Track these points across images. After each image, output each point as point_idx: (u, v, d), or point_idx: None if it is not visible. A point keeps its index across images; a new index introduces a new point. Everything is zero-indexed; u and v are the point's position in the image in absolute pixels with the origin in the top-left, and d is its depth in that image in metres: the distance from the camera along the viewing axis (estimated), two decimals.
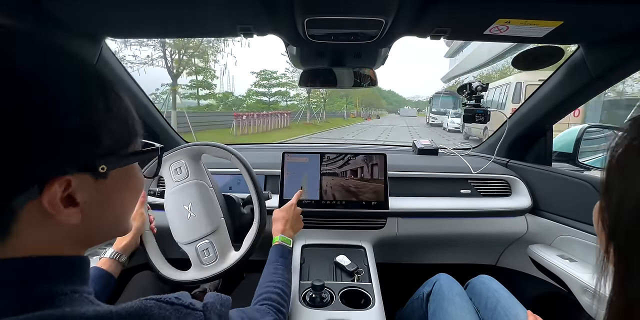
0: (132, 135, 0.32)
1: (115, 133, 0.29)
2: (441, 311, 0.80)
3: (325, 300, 0.77)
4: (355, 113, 41.99)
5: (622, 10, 0.63)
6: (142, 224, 0.78)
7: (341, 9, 0.63)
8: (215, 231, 0.79)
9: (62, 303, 0.26)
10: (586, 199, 0.92)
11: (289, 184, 1.04)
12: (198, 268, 0.78)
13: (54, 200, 0.26)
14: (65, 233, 0.29)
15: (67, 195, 0.27)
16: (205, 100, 23.17)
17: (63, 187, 0.26)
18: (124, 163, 0.32)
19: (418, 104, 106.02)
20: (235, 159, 0.82)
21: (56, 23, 0.70)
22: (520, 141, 1.21)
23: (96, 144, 0.28)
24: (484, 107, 1.13)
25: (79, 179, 0.27)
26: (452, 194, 1.13)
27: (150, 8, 0.67)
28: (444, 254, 1.32)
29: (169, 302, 0.30)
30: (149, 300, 0.29)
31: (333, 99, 35.94)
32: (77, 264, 0.30)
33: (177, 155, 0.85)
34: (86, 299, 0.28)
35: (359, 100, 44.33)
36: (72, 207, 0.28)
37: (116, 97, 0.30)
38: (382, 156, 1.04)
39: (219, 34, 0.84)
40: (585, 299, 0.83)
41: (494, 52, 24.11)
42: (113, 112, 0.29)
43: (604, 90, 0.97)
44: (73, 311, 0.25)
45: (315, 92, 26.91)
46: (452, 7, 0.64)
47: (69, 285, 0.28)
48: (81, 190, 0.28)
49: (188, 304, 0.32)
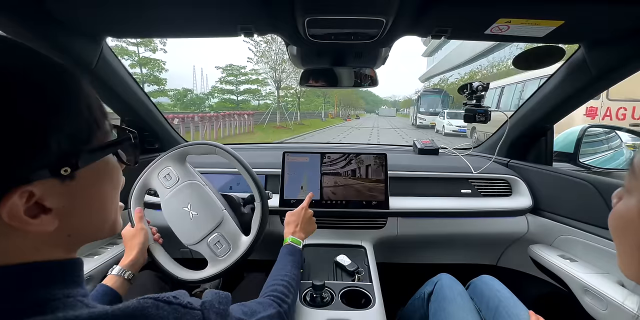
0: (92, 127, 0.29)
1: (69, 130, 0.26)
2: (442, 311, 0.80)
3: (325, 300, 0.77)
4: (334, 113, 39.09)
5: (623, 9, 0.63)
6: (146, 239, 0.77)
7: (342, 8, 0.63)
8: (221, 223, 0.79)
9: (55, 308, 0.25)
10: (587, 199, 0.92)
11: (290, 184, 1.04)
12: (215, 262, 0.78)
13: (16, 214, 0.24)
14: (47, 239, 0.27)
15: (35, 204, 0.25)
16: (154, 99, 20.41)
17: (25, 198, 0.24)
18: (90, 159, 0.29)
19: (395, 103, 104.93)
20: (220, 151, 0.82)
21: (57, 23, 0.70)
22: (521, 141, 1.21)
23: (44, 149, 0.25)
24: (484, 107, 1.13)
25: (42, 185, 0.25)
26: (452, 194, 1.13)
27: (151, 8, 0.67)
28: (444, 254, 1.32)
29: (166, 302, 0.30)
30: (147, 299, 0.29)
31: (310, 97, 32.61)
32: (69, 267, 0.29)
33: (162, 163, 0.85)
34: (80, 302, 0.27)
35: (337, 99, 40.99)
36: (45, 215, 0.26)
37: (60, 88, 0.27)
38: (383, 156, 1.04)
39: (219, 34, 0.84)
40: (586, 299, 0.83)
41: (476, 50, 23.50)
42: (57, 108, 0.26)
43: (605, 90, 0.97)
44: (66, 316, 0.24)
45: (288, 90, 22.94)
46: (452, 7, 0.64)
47: (61, 289, 0.27)
48: (49, 196, 0.26)
49: (186, 303, 0.31)
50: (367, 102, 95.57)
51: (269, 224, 0.83)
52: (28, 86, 0.24)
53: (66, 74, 0.28)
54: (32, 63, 0.26)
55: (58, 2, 0.63)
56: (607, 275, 0.84)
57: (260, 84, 23.63)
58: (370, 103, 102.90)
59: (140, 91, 1.09)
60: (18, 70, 0.25)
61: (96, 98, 0.30)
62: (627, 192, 0.31)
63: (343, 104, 44.29)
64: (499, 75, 16.88)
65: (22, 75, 0.25)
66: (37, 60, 0.27)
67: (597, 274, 0.85)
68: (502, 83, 8.03)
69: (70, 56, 0.78)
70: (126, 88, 1.02)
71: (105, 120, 0.31)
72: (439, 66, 38.36)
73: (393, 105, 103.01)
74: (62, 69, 0.27)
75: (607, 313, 0.77)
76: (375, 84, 1.03)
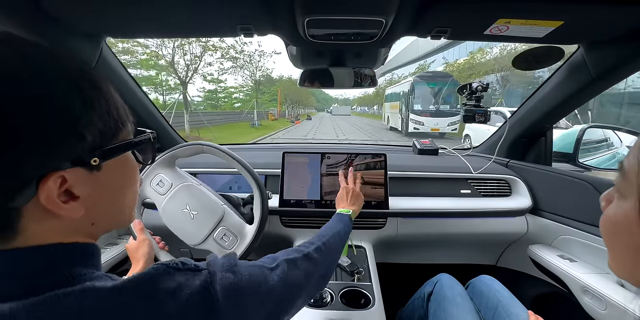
0: (118, 124, 0.32)
1: (100, 125, 0.30)
2: (442, 311, 0.80)
3: (325, 300, 0.77)
4: (277, 113, 27.55)
5: (623, 10, 0.63)
6: (150, 249, 0.77)
7: (341, 9, 0.63)
8: (223, 217, 0.80)
9: (82, 280, 0.28)
10: (586, 199, 0.92)
11: (289, 184, 1.04)
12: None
13: (52, 197, 0.27)
14: (71, 225, 0.30)
15: (65, 191, 0.28)
16: None
17: (58, 183, 0.27)
18: (116, 153, 0.32)
19: (346, 101, 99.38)
20: (208, 148, 0.83)
21: (56, 23, 0.70)
22: (520, 141, 1.21)
23: (81, 140, 0.28)
24: (484, 107, 1.13)
25: (73, 174, 0.28)
26: (452, 194, 1.13)
27: (150, 8, 0.67)
28: (443, 254, 1.32)
29: (175, 268, 0.32)
30: (159, 266, 0.32)
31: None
32: (91, 251, 0.32)
33: (152, 171, 0.85)
34: (105, 275, 0.30)
35: (281, 94, 28.06)
36: (73, 202, 0.29)
37: (94, 89, 0.30)
38: (383, 156, 1.05)
39: (219, 34, 0.84)
40: (585, 299, 0.83)
41: (435, 44, 21.45)
42: (93, 106, 0.29)
43: (604, 91, 0.97)
44: (93, 285, 0.27)
45: (218, 83, 17.02)
46: (452, 7, 0.64)
47: (85, 268, 0.30)
48: (78, 184, 0.29)
49: (192, 266, 0.34)
50: (317, 100, 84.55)
51: (268, 223, 0.83)
52: (68, 83, 0.28)
53: (98, 78, 0.31)
54: (70, 65, 0.29)
55: (53, 1, 0.63)
56: (606, 275, 0.84)
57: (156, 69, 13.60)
58: (321, 101, 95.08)
59: (140, 92, 1.09)
60: (58, 71, 0.28)
61: (122, 102, 0.34)
62: (620, 195, 0.31)
63: (290, 101, 33.99)
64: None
65: (62, 74, 0.28)
66: (72, 63, 0.29)
67: (597, 274, 0.85)
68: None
69: None
70: (126, 89, 1.02)
71: (128, 122, 0.34)
72: (395, 61, 36.21)
73: (344, 103, 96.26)
74: (95, 74, 0.31)
75: (607, 313, 0.77)
76: (375, 84, 1.03)
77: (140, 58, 12.11)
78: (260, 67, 18.20)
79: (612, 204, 0.32)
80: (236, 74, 17.06)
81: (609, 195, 0.33)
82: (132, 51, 11.58)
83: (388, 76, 36.50)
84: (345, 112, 55.33)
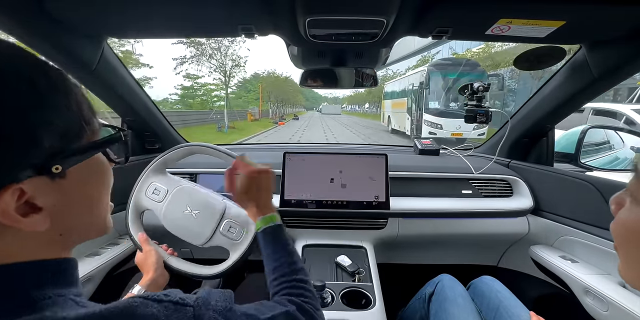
0: (82, 125, 0.28)
1: (60, 126, 0.26)
2: (443, 312, 0.79)
3: (326, 300, 0.77)
4: (257, 113, 24.51)
5: (624, 10, 0.63)
6: (158, 257, 0.75)
7: (343, 9, 0.63)
8: (225, 211, 0.80)
9: (44, 307, 0.25)
10: (588, 199, 0.92)
11: (290, 184, 1.04)
12: (234, 247, 0.77)
13: (8, 212, 0.24)
14: (39, 239, 0.27)
15: (26, 202, 0.25)
16: None
17: (16, 196, 0.24)
18: (81, 158, 0.28)
19: (335, 100, 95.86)
20: (196, 148, 0.83)
21: (59, 24, 0.70)
22: (521, 141, 1.21)
23: (38, 145, 0.24)
24: (485, 108, 1.13)
25: (32, 184, 0.25)
26: (453, 195, 1.13)
27: (151, 8, 0.67)
28: (444, 255, 1.32)
29: (156, 300, 0.29)
30: (136, 298, 0.28)
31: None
32: (61, 267, 0.29)
33: (145, 181, 0.85)
34: (71, 301, 0.27)
35: (263, 90, 25.92)
36: (35, 214, 0.26)
37: (51, 86, 0.26)
38: (384, 156, 1.04)
39: (220, 34, 0.84)
40: (587, 300, 0.83)
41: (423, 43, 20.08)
42: (50, 104, 0.25)
43: (606, 91, 0.97)
44: (53, 315, 0.24)
45: (196, 79, 16.06)
46: (453, 7, 0.64)
47: (53, 289, 0.26)
48: (40, 194, 0.26)
49: (177, 299, 0.30)
50: (306, 99, 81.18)
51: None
52: (15, 80, 0.24)
53: (53, 70, 0.27)
54: (19, 60, 0.26)
55: (57, 2, 0.63)
56: (608, 276, 0.84)
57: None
58: (309, 99, 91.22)
59: (141, 92, 1.09)
60: (3, 66, 0.24)
61: (84, 96, 0.30)
62: (634, 199, 0.29)
63: (275, 99, 29.82)
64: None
65: (9, 70, 0.24)
66: (23, 57, 0.26)
67: (599, 274, 0.85)
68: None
69: (71, 57, 0.79)
70: (127, 88, 1.02)
71: (94, 119, 0.30)
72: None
73: (334, 101, 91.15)
74: (49, 66, 0.27)
75: (609, 314, 0.76)
76: (376, 84, 1.03)
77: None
78: (230, 55, 15.42)
79: (624, 208, 0.31)
80: (201, 64, 14.94)
81: (619, 199, 0.32)
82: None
83: (382, 72, 35.30)
84: (335, 111, 52.97)
